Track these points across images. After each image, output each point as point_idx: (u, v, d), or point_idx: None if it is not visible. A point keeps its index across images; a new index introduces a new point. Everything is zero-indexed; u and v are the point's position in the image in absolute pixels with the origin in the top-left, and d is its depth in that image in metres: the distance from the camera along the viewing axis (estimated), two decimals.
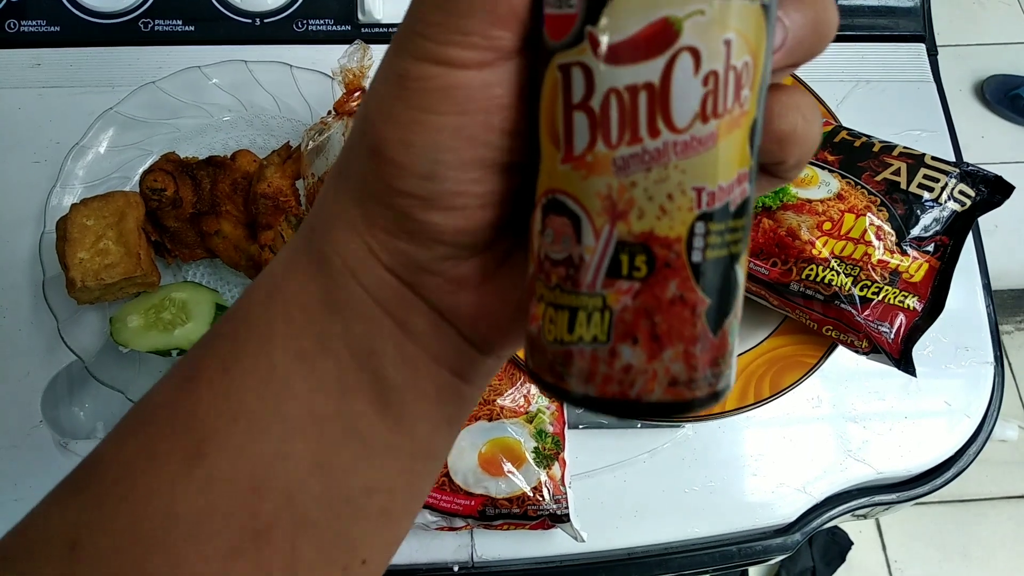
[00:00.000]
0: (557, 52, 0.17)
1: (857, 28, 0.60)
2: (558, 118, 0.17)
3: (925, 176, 0.46)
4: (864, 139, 0.48)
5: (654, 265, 0.17)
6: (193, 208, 0.51)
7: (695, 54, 0.16)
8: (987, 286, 0.55)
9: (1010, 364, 1.53)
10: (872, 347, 0.45)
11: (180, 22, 0.60)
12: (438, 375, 0.21)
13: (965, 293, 0.55)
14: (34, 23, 0.60)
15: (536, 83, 0.18)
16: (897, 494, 0.52)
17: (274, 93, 0.55)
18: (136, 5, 0.60)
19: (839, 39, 0.61)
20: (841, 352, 0.48)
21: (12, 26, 0.60)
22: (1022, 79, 1.76)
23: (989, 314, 0.54)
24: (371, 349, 0.20)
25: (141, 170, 0.54)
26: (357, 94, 0.51)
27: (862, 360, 0.47)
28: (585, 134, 0.17)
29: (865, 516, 0.56)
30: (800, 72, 0.56)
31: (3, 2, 0.60)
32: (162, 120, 0.55)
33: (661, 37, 0.16)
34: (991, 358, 0.54)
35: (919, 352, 0.52)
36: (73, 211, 0.48)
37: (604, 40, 0.16)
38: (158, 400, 0.21)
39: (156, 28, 0.60)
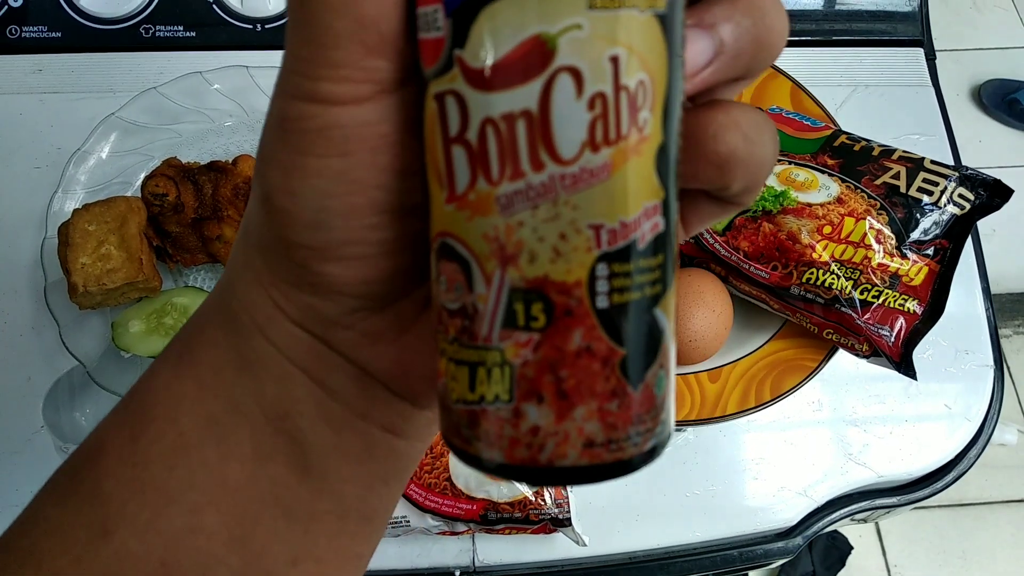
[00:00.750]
0: (431, 80, 0.15)
1: (855, 32, 0.61)
2: (438, 154, 0.15)
3: (924, 180, 0.46)
4: (863, 143, 0.49)
5: (553, 313, 0.15)
6: (195, 213, 0.51)
7: (575, 75, 0.14)
8: (986, 290, 0.56)
9: (1008, 368, 1.53)
10: (873, 350, 0.45)
11: (181, 28, 0.60)
12: (366, 432, 0.19)
13: (965, 297, 0.55)
14: (35, 29, 0.60)
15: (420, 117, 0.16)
16: (898, 497, 0.53)
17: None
18: (137, 11, 0.60)
19: (838, 43, 0.61)
20: (842, 356, 0.48)
21: (14, 32, 0.60)
22: (1019, 83, 1.76)
23: (989, 318, 0.55)
24: (286, 411, 0.18)
25: (143, 175, 0.54)
26: None
27: (863, 364, 0.47)
28: (465, 170, 0.15)
29: (865, 520, 0.56)
30: (799, 76, 0.56)
31: (4, 8, 0.60)
32: (163, 125, 0.55)
33: (534, 57, 0.14)
34: (991, 361, 0.54)
35: (919, 356, 0.52)
36: (75, 216, 0.48)
37: (473, 64, 0.14)
38: (66, 472, 0.19)
39: (157, 34, 0.60)
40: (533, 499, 0.46)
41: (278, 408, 0.18)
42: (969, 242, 0.55)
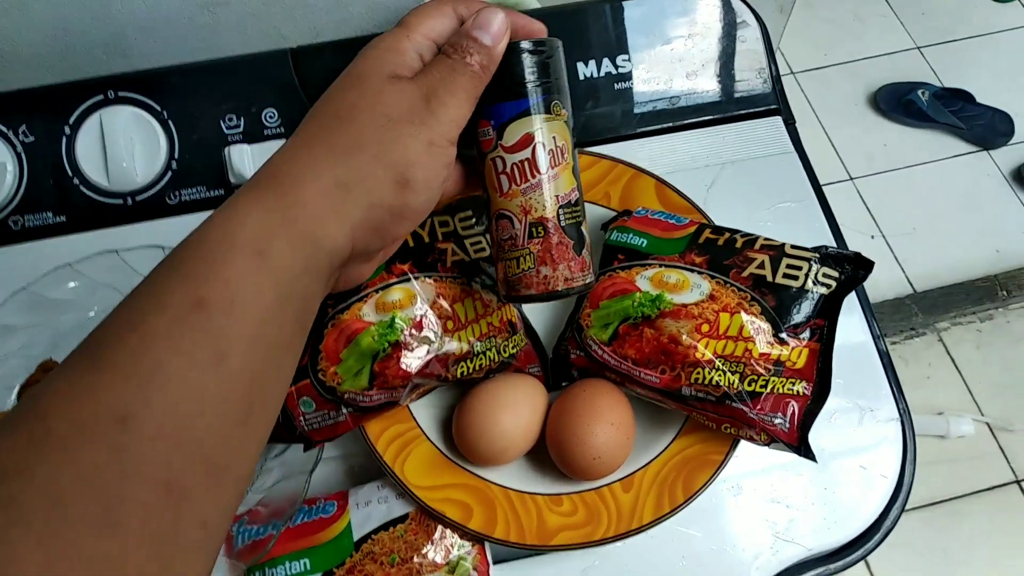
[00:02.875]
0: (487, 154, 0.40)
1: (713, 115, 0.63)
2: (494, 179, 0.40)
3: (788, 266, 0.47)
4: (727, 235, 0.50)
5: (546, 230, 0.41)
6: None
7: (543, 144, 0.40)
8: (876, 337, 0.57)
9: (953, 359, 1.57)
10: (771, 439, 0.46)
11: (50, 214, 0.60)
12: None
13: (860, 355, 0.56)
14: None
15: (480, 165, 0.41)
16: (834, 564, 0.53)
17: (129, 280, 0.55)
18: (3, 205, 0.59)
19: (698, 126, 0.63)
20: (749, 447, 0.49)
21: None
22: (911, 84, 1.85)
23: (887, 371, 0.56)
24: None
25: (18, 384, 0.53)
26: None
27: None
28: (506, 183, 0.40)
29: None
30: (664, 165, 0.58)
31: None
32: (40, 323, 0.54)
33: (528, 141, 0.39)
34: (896, 414, 0.55)
35: (826, 421, 0.53)
36: None
37: (506, 145, 0.39)
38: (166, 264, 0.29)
39: (27, 224, 0.60)
40: None
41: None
42: (855, 298, 0.57)
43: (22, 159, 0.60)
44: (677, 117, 0.63)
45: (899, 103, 1.82)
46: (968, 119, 1.79)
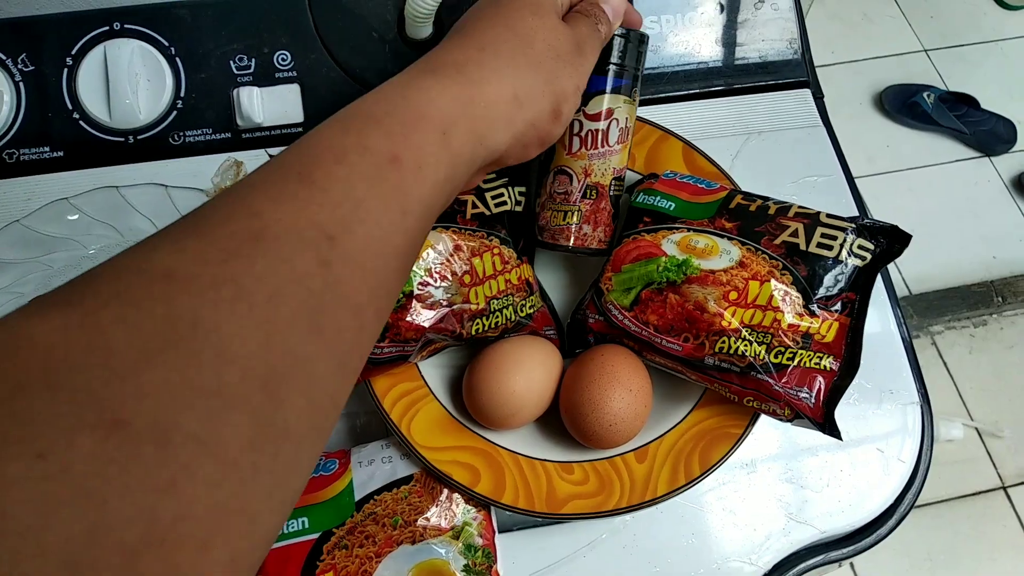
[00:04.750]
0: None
1: (742, 82, 0.61)
2: (566, 138, 0.47)
3: (823, 235, 0.46)
4: (759, 202, 0.48)
5: (598, 193, 0.48)
6: None
7: (618, 121, 0.47)
8: (900, 323, 0.55)
9: (945, 363, 1.57)
10: (795, 414, 0.44)
11: (47, 149, 0.57)
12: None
13: (881, 337, 0.55)
14: None
15: None
16: (845, 549, 0.51)
17: (151, 215, 0.52)
18: None
19: (727, 93, 0.61)
20: (769, 422, 0.47)
21: None
22: (917, 87, 1.84)
23: (908, 355, 0.54)
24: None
25: None
26: None
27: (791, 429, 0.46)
28: (576, 145, 0.47)
29: None
30: (690, 131, 0.56)
31: None
32: (33, 258, 0.52)
33: (608, 115, 0.46)
34: (916, 398, 0.53)
35: (845, 402, 0.51)
36: None
37: (588, 112, 0.46)
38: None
39: (22, 158, 0.57)
40: None
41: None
42: (880, 281, 0.56)
43: (20, 89, 0.57)
44: (705, 83, 0.61)
45: (904, 104, 1.82)
46: (972, 124, 1.78)
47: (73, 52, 0.57)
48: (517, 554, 0.48)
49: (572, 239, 0.49)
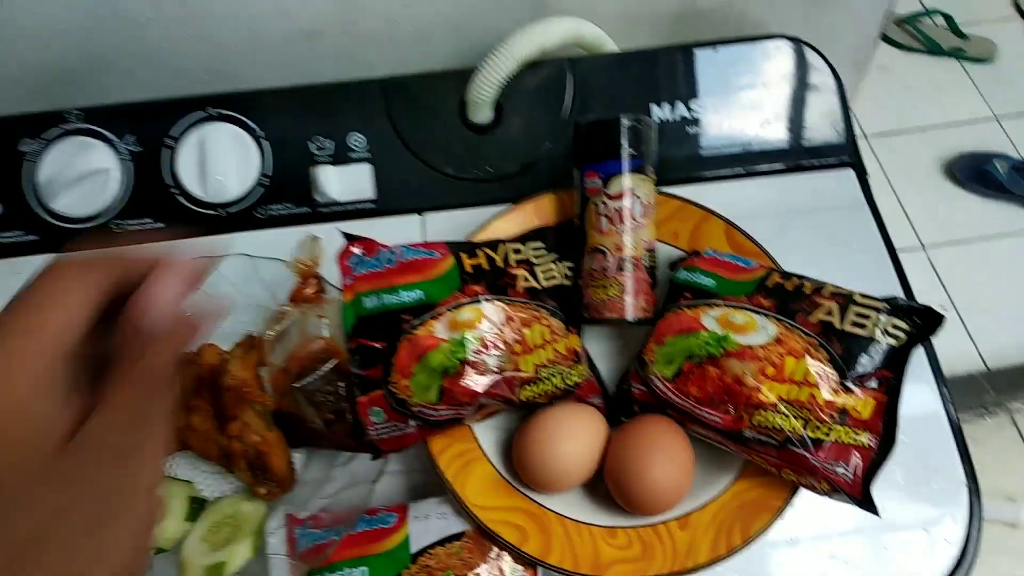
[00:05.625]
0: (592, 199, 0.54)
1: (784, 163, 0.64)
2: (594, 220, 0.54)
3: (857, 314, 0.48)
4: (796, 281, 0.50)
5: (633, 265, 0.53)
6: None
7: (640, 198, 0.53)
8: (947, 401, 0.56)
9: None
10: (832, 488, 0.46)
11: (150, 220, 0.64)
12: None
13: (928, 416, 0.55)
14: (12, 234, 0.64)
15: (582, 207, 0.55)
16: None
17: (237, 283, 0.58)
18: (105, 209, 0.64)
19: (770, 173, 0.64)
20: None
21: None
22: (989, 155, 1.81)
23: (955, 434, 0.55)
24: None
25: None
26: (311, 282, 0.53)
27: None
28: (605, 224, 0.53)
29: None
30: (732, 212, 0.59)
31: None
32: None
33: (629, 193, 0.53)
34: (963, 476, 0.54)
35: (890, 476, 0.52)
36: None
37: (610, 193, 0.53)
38: None
39: (128, 228, 0.64)
40: None
41: None
42: (925, 359, 0.56)
43: (126, 166, 0.64)
44: (748, 163, 0.64)
45: (976, 173, 1.79)
46: None
47: (173, 134, 0.65)
48: None
49: (616, 311, 0.52)
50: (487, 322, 0.50)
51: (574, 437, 0.50)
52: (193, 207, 0.64)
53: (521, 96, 0.66)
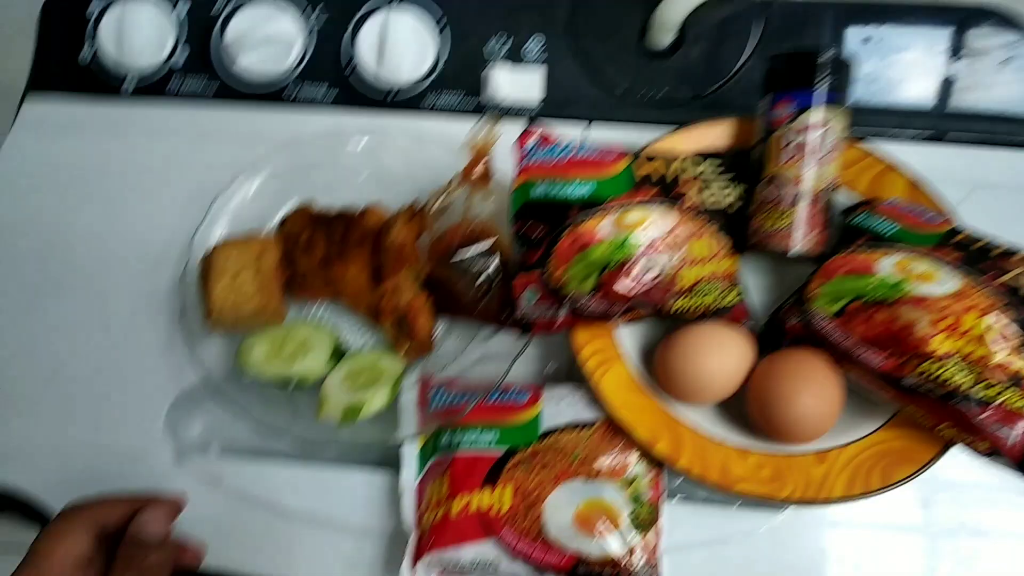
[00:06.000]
0: (777, 129, 0.52)
1: (974, 132, 0.61)
2: (778, 150, 0.52)
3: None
4: (984, 242, 0.48)
5: (809, 200, 0.51)
6: (324, 253, 0.54)
7: (830, 133, 0.52)
8: None
9: None
10: (992, 450, 0.44)
11: (323, 90, 0.66)
12: None
13: None
14: (194, 83, 0.67)
15: (764, 135, 0.53)
16: None
17: (403, 160, 0.60)
18: (282, 74, 0.66)
19: (955, 142, 0.61)
20: (956, 456, 0.47)
21: (175, 84, 0.67)
22: None
23: None
24: None
25: (278, 217, 0.59)
26: (482, 162, 0.54)
27: (980, 468, 0.45)
28: (789, 155, 0.52)
29: None
30: (922, 169, 0.56)
31: (169, 63, 0.67)
32: (300, 176, 0.60)
33: (820, 126, 0.51)
34: None
35: None
36: (217, 249, 0.53)
37: (799, 126, 0.51)
38: None
39: (300, 95, 0.66)
40: (624, 561, 0.46)
41: None
42: None
43: (310, 36, 0.67)
44: (939, 121, 0.61)
45: None
46: None
47: (359, 11, 0.67)
48: (672, 524, 0.49)
49: (783, 243, 0.51)
50: (654, 227, 0.50)
51: (722, 354, 0.49)
52: (365, 85, 0.66)
53: (705, 26, 0.65)
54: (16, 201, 0.66)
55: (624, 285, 0.49)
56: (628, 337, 0.53)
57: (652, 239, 0.49)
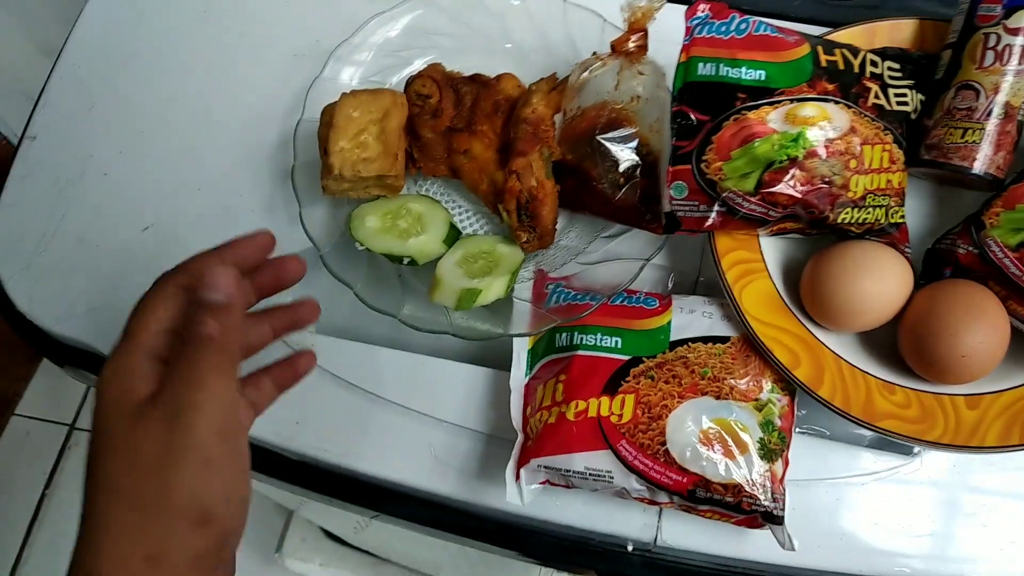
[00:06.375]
0: (982, 27, 0.45)
1: None
2: (978, 51, 0.45)
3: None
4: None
5: (1006, 114, 0.45)
6: (450, 122, 0.50)
7: None
8: None
9: None
10: None
11: None
12: None
13: None
14: None
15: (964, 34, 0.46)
16: None
17: (540, 26, 0.54)
18: None
19: None
20: None
21: None
22: None
23: None
24: None
25: (396, 79, 0.54)
26: (638, 35, 0.48)
27: None
28: (991, 59, 0.44)
29: None
30: None
31: None
32: (425, 34, 0.55)
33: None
34: None
35: None
36: (343, 100, 0.48)
37: (1009, 26, 0.44)
38: None
39: None
40: (748, 487, 0.43)
41: None
42: None
43: None
44: None
45: None
46: None
47: None
48: (798, 456, 0.46)
49: (967, 160, 0.45)
50: (830, 126, 0.44)
51: (880, 279, 0.45)
52: None
53: None
54: (110, 50, 0.61)
55: (789, 186, 0.44)
56: (774, 250, 0.49)
57: (827, 139, 0.44)
